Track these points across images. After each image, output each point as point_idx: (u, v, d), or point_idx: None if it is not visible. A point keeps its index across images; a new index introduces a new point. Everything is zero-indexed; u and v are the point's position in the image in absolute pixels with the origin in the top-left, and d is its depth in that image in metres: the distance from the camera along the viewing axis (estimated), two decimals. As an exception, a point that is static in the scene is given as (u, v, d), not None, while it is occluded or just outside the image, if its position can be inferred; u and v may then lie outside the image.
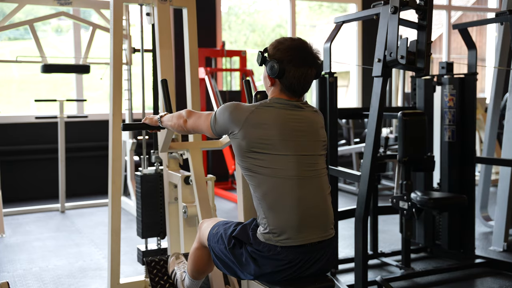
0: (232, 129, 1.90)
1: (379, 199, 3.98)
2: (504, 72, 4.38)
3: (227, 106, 1.95)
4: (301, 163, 1.89)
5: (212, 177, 2.72)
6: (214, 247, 2.05)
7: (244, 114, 1.89)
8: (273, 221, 1.87)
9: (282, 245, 1.85)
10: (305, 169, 1.90)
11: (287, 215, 1.86)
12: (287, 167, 1.87)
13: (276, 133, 1.87)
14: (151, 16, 3.02)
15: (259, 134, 1.86)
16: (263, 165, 1.87)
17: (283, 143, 1.88)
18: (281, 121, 1.89)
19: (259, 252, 1.88)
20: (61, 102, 5.37)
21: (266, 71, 1.95)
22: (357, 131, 7.10)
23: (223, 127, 1.95)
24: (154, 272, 2.59)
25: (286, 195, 1.87)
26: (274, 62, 1.91)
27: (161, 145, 2.64)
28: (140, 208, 3.03)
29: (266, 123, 1.87)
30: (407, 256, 3.42)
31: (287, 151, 1.88)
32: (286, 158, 1.87)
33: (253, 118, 1.88)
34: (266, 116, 1.89)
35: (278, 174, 1.87)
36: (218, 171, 6.60)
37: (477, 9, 11.30)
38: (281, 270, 1.86)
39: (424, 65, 2.58)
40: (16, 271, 3.59)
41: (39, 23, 5.48)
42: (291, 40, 1.94)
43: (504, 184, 4.05)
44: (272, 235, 1.87)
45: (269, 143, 1.87)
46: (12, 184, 5.79)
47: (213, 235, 2.07)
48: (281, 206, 1.86)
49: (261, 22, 12.35)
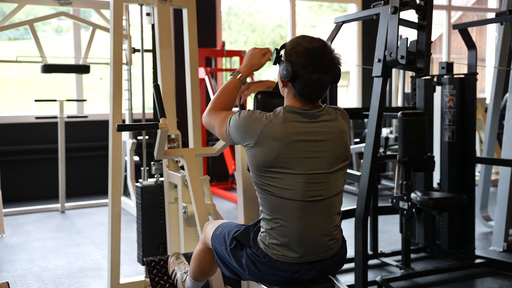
0: (247, 141, 1.81)
1: (379, 199, 3.98)
2: (504, 72, 4.38)
3: (242, 115, 1.84)
4: (309, 183, 1.78)
5: (206, 177, 2.75)
6: (216, 247, 2.03)
7: (258, 126, 1.78)
8: (273, 236, 1.83)
9: (278, 259, 1.83)
10: (312, 190, 1.79)
11: (287, 235, 1.81)
12: (293, 188, 1.78)
13: (288, 151, 1.76)
14: (151, 16, 3.03)
15: (271, 151, 1.76)
16: (272, 183, 1.80)
17: (294, 161, 1.77)
18: (294, 138, 1.77)
19: (257, 256, 1.86)
20: (61, 102, 5.37)
21: (279, 71, 1.83)
22: (357, 131, 7.10)
23: (237, 137, 1.86)
24: (154, 272, 2.59)
25: (289, 216, 1.80)
26: (288, 65, 1.77)
27: (156, 151, 2.64)
28: (141, 220, 3.02)
29: (279, 138, 1.76)
30: (407, 256, 3.42)
31: (297, 170, 1.77)
32: (294, 178, 1.77)
33: (267, 132, 1.77)
34: (279, 131, 1.77)
35: (283, 194, 1.79)
36: (218, 171, 6.60)
37: (477, 9, 11.30)
38: (280, 276, 1.85)
39: (424, 65, 2.58)
40: (16, 271, 3.59)
41: (39, 23, 5.47)
42: (310, 42, 1.78)
43: (504, 184, 4.05)
44: (270, 247, 1.84)
45: (281, 161, 1.76)
46: (12, 184, 5.79)
47: (217, 235, 2.05)
48: (283, 226, 1.81)
49: (261, 22, 12.35)
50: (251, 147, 1.80)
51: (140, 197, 3.01)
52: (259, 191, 1.86)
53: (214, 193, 6.06)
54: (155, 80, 3.24)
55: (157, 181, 3.07)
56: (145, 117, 3.85)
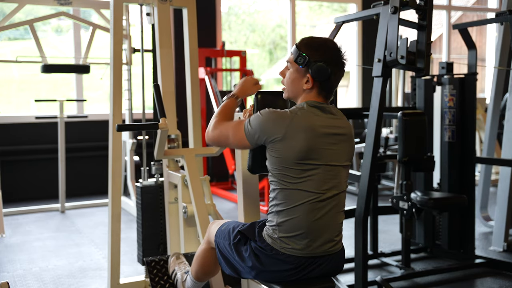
0: (275, 135, 1.82)
1: (379, 199, 3.98)
2: (504, 72, 4.38)
3: (264, 112, 1.87)
4: (327, 174, 1.85)
5: (206, 177, 2.76)
6: (219, 242, 2.05)
7: (286, 120, 1.83)
8: (284, 229, 1.84)
9: (285, 252, 1.84)
10: (328, 182, 1.85)
11: (299, 227, 1.83)
12: (313, 179, 1.83)
13: (316, 142, 1.83)
14: (151, 16, 3.03)
15: (302, 143, 1.80)
16: (296, 175, 1.82)
17: (321, 152, 1.83)
18: (320, 131, 1.84)
19: (262, 249, 1.87)
20: (61, 102, 5.37)
21: (310, 73, 1.86)
22: (357, 131, 7.10)
23: (262, 135, 1.85)
24: (154, 272, 2.59)
25: (303, 208, 1.83)
26: (324, 64, 1.84)
27: (156, 151, 2.64)
28: (141, 220, 3.02)
29: (308, 130, 1.82)
30: (407, 256, 3.42)
31: (321, 161, 1.84)
32: (317, 169, 1.83)
33: (296, 124, 1.82)
34: (307, 123, 1.83)
35: (303, 186, 1.82)
36: (218, 171, 6.60)
37: (477, 9, 11.30)
38: (283, 270, 1.85)
39: (424, 65, 2.58)
40: (16, 271, 3.59)
41: (39, 23, 5.48)
42: (326, 40, 1.90)
43: (504, 184, 4.05)
44: (278, 241, 1.85)
45: (312, 152, 1.82)
46: (12, 184, 5.79)
47: (221, 231, 2.06)
48: (296, 218, 1.83)
49: (261, 22, 12.35)
50: (279, 140, 1.82)
51: (140, 197, 3.01)
52: (278, 184, 1.86)
53: (214, 193, 6.06)
54: (155, 80, 3.24)
55: (157, 181, 3.07)
56: (145, 117, 3.85)
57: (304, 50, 1.87)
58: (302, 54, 1.86)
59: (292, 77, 1.93)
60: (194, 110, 3.06)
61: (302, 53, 1.86)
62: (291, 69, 1.93)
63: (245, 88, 2.21)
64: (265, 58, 12.56)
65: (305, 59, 1.86)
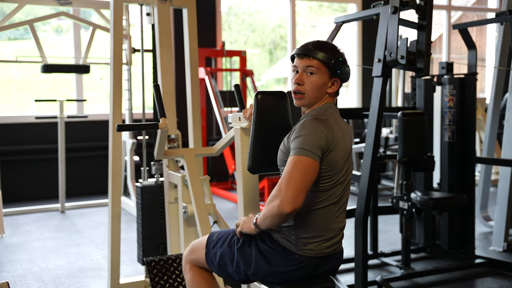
0: (329, 146, 1.78)
1: (379, 199, 3.98)
2: (504, 72, 4.38)
3: (308, 127, 1.78)
4: (345, 177, 1.86)
5: (206, 177, 2.76)
6: (216, 252, 1.97)
7: (329, 126, 1.80)
8: (300, 231, 1.82)
9: (302, 253, 1.83)
10: (344, 184, 1.86)
11: (315, 230, 1.83)
12: (337, 181, 1.83)
13: (345, 144, 1.85)
14: (151, 16, 3.03)
15: (340, 146, 1.82)
16: (329, 181, 1.81)
17: (347, 154, 1.86)
18: (345, 133, 1.87)
19: (274, 250, 1.85)
20: (61, 102, 5.37)
21: (339, 76, 1.87)
22: (357, 131, 7.10)
23: (321, 148, 1.76)
24: (154, 272, 2.59)
25: (321, 211, 1.83)
26: (347, 65, 1.89)
27: (156, 151, 2.64)
28: (141, 219, 3.02)
29: (340, 132, 1.84)
30: (407, 256, 3.42)
31: (348, 161, 1.86)
32: (346, 170, 1.85)
33: (335, 129, 1.82)
34: (337, 125, 1.85)
35: (324, 189, 1.82)
36: (218, 171, 6.60)
37: (477, 9, 11.30)
38: (292, 270, 1.84)
39: (424, 65, 2.58)
40: (16, 271, 3.59)
41: (39, 23, 5.48)
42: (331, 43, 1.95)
43: (504, 184, 4.05)
44: (295, 242, 1.83)
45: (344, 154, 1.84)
46: (12, 184, 5.79)
47: (214, 242, 2.00)
48: (312, 220, 1.83)
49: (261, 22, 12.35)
50: (332, 149, 1.80)
51: (140, 197, 3.02)
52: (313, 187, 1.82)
53: (214, 193, 6.06)
54: (155, 80, 3.24)
55: (157, 181, 3.07)
56: (145, 117, 3.85)
57: (335, 55, 1.86)
58: (339, 59, 1.86)
59: (320, 83, 1.86)
60: (194, 110, 3.06)
61: (339, 58, 1.86)
62: (318, 74, 1.85)
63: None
64: (265, 58, 12.57)
65: (342, 63, 1.87)
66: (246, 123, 2.29)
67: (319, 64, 1.85)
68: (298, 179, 1.70)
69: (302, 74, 1.87)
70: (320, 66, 1.85)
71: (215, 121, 6.61)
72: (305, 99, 1.88)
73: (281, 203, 1.68)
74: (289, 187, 1.69)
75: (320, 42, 1.89)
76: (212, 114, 6.60)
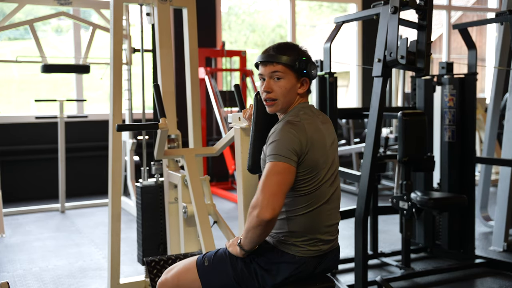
0: (303, 148, 1.75)
1: (379, 199, 3.97)
2: (504, 72, 4.38)
3: (281, 133, 1.76)
4: (333, 173, 1.85)
5: (206, 177, 2.76)
6: (212, 281, 1.87)
7: (302, 128, 1.78)
8: (296, 234, 1.81)
9: (301, 255, 1.82)
10: (335, 180, 1.86)
11: (311, 231, 1.82)
12: (321, 181, 1.81)
13: (322, 144, 1.82)
14: (151, 16, 3.03)
15: (317, 147, 1.79)
16: (311, 182, 1.80)
17: (326, 154, 1.83)
18: (320, 129, 1.84)
19: (271, 259, 1.82)
20: (61, 102, 5.37)
21: (309, 76, 1.85)
22: (357, 131, 7.10)
23: (295, 152, 1.74)
24: (154, 272, 2.59)
25: (318, 207, 1.82)
26: (313, 62, 1.86)
27: (156, 151, 2.64)
28: (141, 220, 3.02)
29: (316, 133, 1.82)
30: (407, 256, 3.42)
31: (328, 161, 1.83)
32: (327, 169, 1.82)
33: (309, 130, 1.79)
34: (312, 126, 1.81)
35: (315, 186, 1.81)
36: (218, 171, 6.60)
37: (477, 9, 11.30)
38: (295, 274, 1.82)
39: (424, 65, 2.58)
40: (16, 271, 3.59)
41: (39, 23, 5.48)
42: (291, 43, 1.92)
43: (504, 184, 4.05)
44: (293, 246, 1.82)
45: (322, 155, 1.81)
46: (12, 184, 5.79)
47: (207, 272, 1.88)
48: (306, 222, 1.81)
49: (261, 22, 12.35)
50: (307, 152, 1.78)
51: (140, 197, 3.02)
52: (295, 194, 1.80)
53: (214, 193, 6.06)
54: (155, 80, 3.24)
55: (157, 181, 3.08)
56: (145, 117, 3.85)
57: (298, 55, 1.84)
58: (302, 59, 1.84)
59: (289, 86, 1.85)
60: (194, 110, 3.06)
61: (302, 58, 1.84)
62: (285, 78, 1.84)
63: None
64: (265, 58, 12.53)
65: (306, 62, 1.84)
66: (246, 123, 2.29)
67: (284, 68, 1.83)
68: (273, 184, 1.69)
69: (270, 81, 1.86)
70: (286, 70, 1.83)
71: (215, 121, 6.61)
72: (278, 105, 1.87)
73: (260, 210, 1.67)
74: (265, 194, 1.68)
75: (281, 45, 1.87)
76: (212, 114, 6.60)
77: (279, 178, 1.70)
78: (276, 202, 1.67)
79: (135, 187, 3.17)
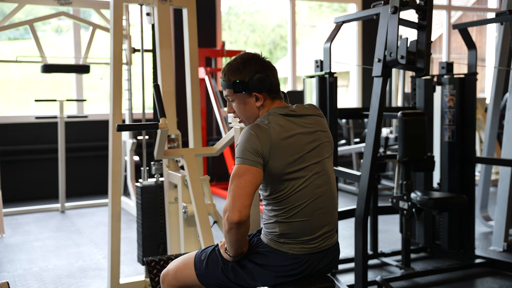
0: (265, 148, 1.75)
1: (379, 199, 3.97)
2: (504, 72, 4.38)
3: (242, 135, 1.78)
4: (315, 173, 1.82)
5: (206, 177, 2.75)
6: (209, 274, 1.91)
7: (263, 129, 1.77)
8: (289, 236, 1.82)
9: (295, 253, 1.82)
10: (318, 179, 1.83)
11: (303, 231, 1.82)
12: (307, 181, 1.81)
13: (296, 147, 1.79)
14: (151, 16, 3.03)
15: (285, 152, 1.77)
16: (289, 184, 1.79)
17: (301, 157, 1.80)
18: (294, 132, 1.81)
19: (264, 256, 1.83)
20: (61, 102, 5.37)
21: (255, 90, 1.82)
22: (357, 131, 7.10)
23: (256, 151, 1.74)
24: (154, 272, 2.59)
25: (302, 212, 1.81)
26: (258, 75, 1.81)
27: (156, 151, 2.64)
28: (141, 220, 3.02)
29: (286, 137, 1.78)
30: (407, 256, 3.42)
31: (304, 164, 1.80)
32: (305, 171, 1.80)
33: (275, 135, 1.77)
34: (282, 129, 1.79)
35: (299, 189, 1.80)
36: (218, 171, 6.60)
37: (477, 9, 11.30)
38: (294, 274, 1.83)
39: (424, 65, 2.58)
40: (16, 271, 3.59)
41: (39, 23, 5.48)
42: (240, 56, 1.87)
43: (504, 184, 4.05)
44: (286, 246, 1.82)
45: (294, 159, 1.78)
46: (12, 184, 5.79)
47: (203, 271, 1.92)
48: (297, 223, 1.81)
49: (261, 22, 12.35)
50: (269, 156, 1.77)
51: (140, 197, 3.02)
52: (274, 199, 1.81)
53: (214, 193, 6.06)
54: (155, 80, 3.24)
55: (157, 181, 3.08)
56: (145, 117, 3.85)
57: (234, 78, 1.83)
58: (236, 82, 1.83)
59: (242, 106, 1.87)
60: (194, 110, 3.06)
61: (236, 81, 1.83)
62: (236, 101, 1.87)
63: None
64: (265, 58, 12.54)
65: (241, 83, 1.83)
66: (245, 123, 2.28)
67: (231, 92, 1.87)
68: (237, 187, 1.70)
69: (230, 103, 1.92)
70: (232, 94, 1.87)
71: (215, 121, 6.61)
72: (245, 122, 1.93)
73: (228, 214, 1.69)
74: (230, 198, 1.70)
75: (225, 68, 1.86)
76: (212, 114, 6.60)
77: (241, 181, 1.71)
78: (241, 204, 1.68)
79: (135, 187, 3.17)
